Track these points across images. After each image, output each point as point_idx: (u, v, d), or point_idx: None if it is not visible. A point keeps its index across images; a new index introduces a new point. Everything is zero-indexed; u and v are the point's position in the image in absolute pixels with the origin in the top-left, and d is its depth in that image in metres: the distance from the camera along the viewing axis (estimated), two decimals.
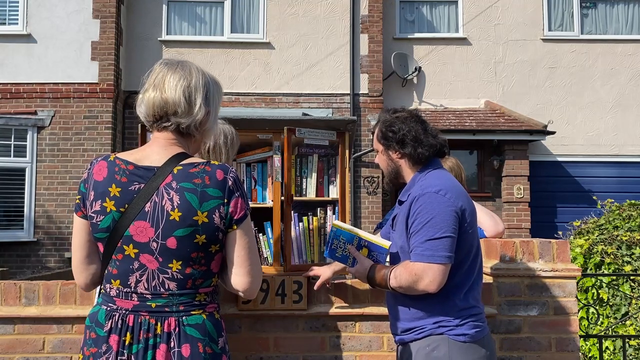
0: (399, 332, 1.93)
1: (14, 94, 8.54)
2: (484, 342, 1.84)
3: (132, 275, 1.47)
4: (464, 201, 1.83)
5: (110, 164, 1.50)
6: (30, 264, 8.29)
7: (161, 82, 1.51)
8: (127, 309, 1.47)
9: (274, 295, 2.19)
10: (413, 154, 1.93)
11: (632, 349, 3.77)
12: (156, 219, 1.44)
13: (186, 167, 1.47)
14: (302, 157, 2.83)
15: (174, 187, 1.45)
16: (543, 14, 9.53)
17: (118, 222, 1.46)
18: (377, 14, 9.12)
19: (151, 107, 1.51)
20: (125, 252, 1.47)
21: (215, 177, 1.47)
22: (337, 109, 9.06)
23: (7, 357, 2.15)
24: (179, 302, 1.48)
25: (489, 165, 9.01)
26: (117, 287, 1.49)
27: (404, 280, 1.79)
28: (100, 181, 1.48)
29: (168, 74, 1.52)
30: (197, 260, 1.47)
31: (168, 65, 1.55)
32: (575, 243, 4.37)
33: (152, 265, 1.46)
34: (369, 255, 1.97)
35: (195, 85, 1.53)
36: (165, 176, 1.46)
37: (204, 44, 9.13)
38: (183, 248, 1.44)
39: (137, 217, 1.44)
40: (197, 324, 1.48)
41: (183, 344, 1.45)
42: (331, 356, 2.20)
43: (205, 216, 1.44)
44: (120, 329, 1.45)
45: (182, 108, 1.50)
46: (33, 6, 8.70)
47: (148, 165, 1.49)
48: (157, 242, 1.44)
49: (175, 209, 1.43)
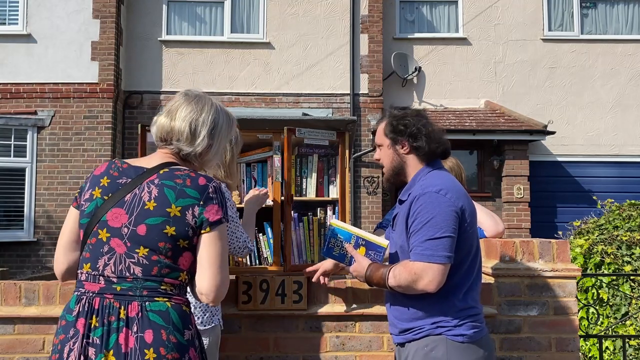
0: (397, 332, 1.92)
1: (14, 94, 8.55)
2: (483, 342, 1.84)
3: (101, 259, 1.54)
4: (465, 201, 1.83)
5: (110, 163, 1.65)
6: (30, 264, 8.29)
7: (174, 111, 1.67)
8: (94, 292, 1.52)
9: (274, 295, 2.19)
10: (425, 148, 1.91)
11: (632, 349, 3.77)
12: (132, 207, 1.54)
13: (172, 170, 1.59)
14: (302, 157, 2.83)
15: (155, 183, 1.56)
16: (543, 14, 9.54)
17: (99, 208, 1.57)
18: (377, 14, 9.12)
19: (160, 130, 1.66)
20: (99, 236, 1.55)
21: (196, 182, 1.57)
22: (337, 109, 9.06)
23: (7, 357, 2.15)
24: (143, 286, 1.51)
25: (489, 165, 9.01)
26: (87, 271, 1.55)
27: (403, 280, 1.79)
28: (97, 175, 1.63)
29: (183, 104, 1.67)
30: (164, 252, 1.52)
31: (186, 97, 1.70)
32: (575, 243, 4.37)
33: (120, 250, 1.52)
34: (367, 254, 1.97)
35: (203, 119, 1.66)
36: (152, 174, 1.58)
37: (204, 44, 9.13)
38: (152, 236, 1.51)
39: (116, 204, 1.55)
40: (160, 310, 1.50)
41: (146, 329, 1.47)
42: (331, 356, 2.20)
43: (178, 210, 1.52)
44: (87, 312, 1.50)
45: (185, 137, 1.64)
46: (33, 6, 8.70)
47: (139, 166, 1.62)
48: (128, 228, 1.52)
49: (151, 200, 1.53)
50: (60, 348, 1.50)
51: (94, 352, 1.45)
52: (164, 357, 1.46)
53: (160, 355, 1.45)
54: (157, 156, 1.66)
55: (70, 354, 1.47)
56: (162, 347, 1.46)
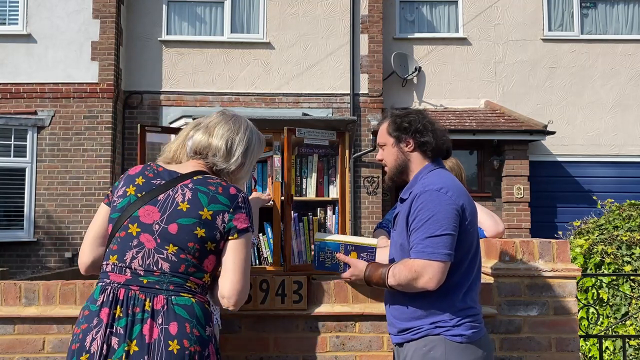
0: (396, 332, 1.92)
1: (14, 94, 8.54)
2: (481, 343, 1.84)
3: (129, 252, 1.58)
4: (465, 200, 1.83)
5: (146, 165, 1.73)
6: (30, 264, 8.29)
7: (212, 128, 1.75)
8: (119, 283, 1.56)
9: (274, 295, 2.19)
10: (433, 143, 1.92)
11: (632, 349, 3.77)
12: (165, 206, 1.60)
13: (206, 178, 1.67)
14: (302, 157, 2.83)
15: (189, 187, 1.62)
16: (543, 14, 9.53)
17: (132, 204, 1.62)
18: (377, 14, 9.12)
19: (197, 145, 1.74)
20: (129, 230, 1.59)
21: (228, 190, 1.64)
22: (337, 109, 9.06)
23: (7, 357, 2.15)
24: (170, 281, 1.55)
25: (489, 165, 9.01)
26: (113, 263, 1.59)
27: (403, 278, 1.79)
28: (132, 174, 1.69)
29: (221, 122, 1.76)
30: (192, 252, 1.56)
31: (224, 115, 1.79)
32: (575, 243, 4.37)
33: (150, 245, 1.57)
34: (359, 258, 1.98)
35: (239, 138, 1.75)
36: (185, 179, 1.65)
37: (204, 44, 9.13)
38: (182, 235, 1.56)
39: (149, 202, 1.61)
40: (185, 304, 1.55)
41: (171, 321, 1.51)
42: (331, 356, 2.20)
43: (210, 214, 1.58)
44: (111, 302, 1.53)
45: (222, 154, 1.72)
46: (33, 6, 8.69)
47: (174, 170, 1.70)
48: (160, 225, 1.58)
49: (185, 201, 1.59)
50: (82, 337, 1.52)
51: (117, 342, 1.48)
52: (187, 349, 1.50)
53: (184, 347, 1.50)
54: (190, 165, 1.73)
55: (93, 343, 1.49)
56: (186, 339, 1.51)
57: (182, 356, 1.48)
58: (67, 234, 8.37)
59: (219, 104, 8.98)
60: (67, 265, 8.15)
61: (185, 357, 1.49)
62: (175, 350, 1.48)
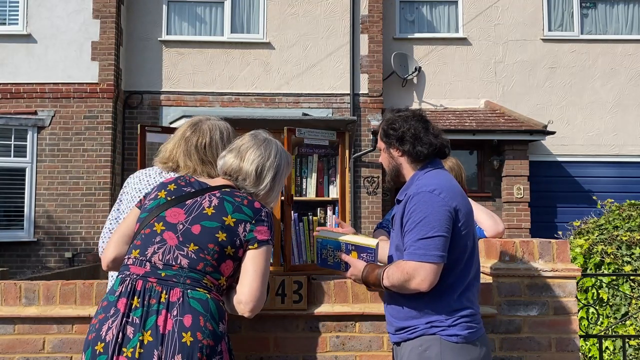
0: (394, 331, 1.93)
1: (14, 94, 8.54)
2: (478, 343, 1.83)
3: (150, 247, 1.63)
4: (459, 201, 1.83)
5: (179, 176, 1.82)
6: (30, 264, 8.29)
7: (244, 152, 1.78)
8: (138, 275, 1.61)
9: (274, 295, 2.19)
10: (412, 151, 1.93)
11: (632, 349, 3.77)
12: (191, 210, 1.67)
13: (233, 191, 1.74)
14: (302, 157, 2.83)
15: (217, 196, 1.70)
16: (543, 14, 9.53)
17: (161, 205, 1.69)
18: (377, 14, 9.12)
19: (228, 168, 1.79)
20: (154, 228, 1.66)
21: (252, 204, 1.71)
22: (337, 109, 9.06)
23: (7, 357, 2.15)
24: (187, 276, 1.59)
25: (489, 165, 9.01)
26: (135, 256, 1.64)
27: (396, 279, 1.80)
28: (165, 182, 1.78)
29: (252, 147, 1.79)
30: (211, 253, 1.62)
31: (256, 139, 1.81)
32: (575, 243, 4.37)
33: (172, 242, 1.63)
34: (359, 258, 1.98)
35: (270, 164, 1.78)
36: (214, 190, 1.73)
37: (204, 44, 9.13)
38: (204, 236, 1.62)
39: (177, 205, 1.69)
40: (200, 299, 1.58)
41: (186, 314, 1.54)
42: (331, 356, 2.20)
43: (233, 222, 1.65)
44: (129, 292, 1.57)
45: (251, 179, 1.77)
46: (33, 6, 8.69)
47: (204, 182, 1.78)
48: (184, 225, 1.64)
49: (210, 207, 1.67)
50: (98, 327, 1.56)
51: (133, 331, 1.51)
52: (200, 341, 1.53)
53: (197, 339, 1.52)
54: (220, 180, 1.80)
55: (109, 332, 1.53)
56: (199, 332, 1.53)
57: (194, 348, 1.51)
58: (67, 234, 8.37)
59: (219, 104, 8.99)
60: (67, 265, 8.16)
61: (197, 350, 1.51)
62: (189, 342, 1.50)
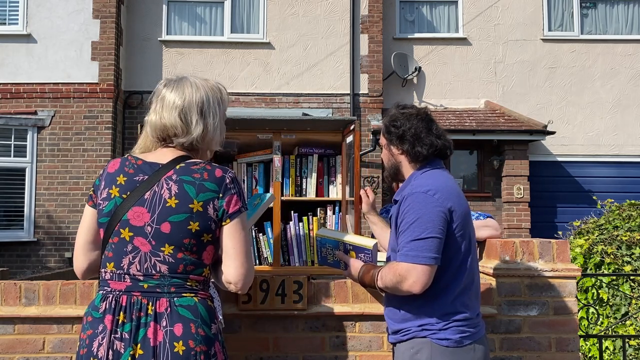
0: (391, 332, 1.93)
1: (14, 94, 8.54)
2: (470, 348, 1.79)
3: (125, 258, 1.54)
4: (454, 202, 1.80)
5: (123, 160, 1.63)
6: (30, 264, 8.29)
7: (160, 106, 1.62)
8: (120, 290, 1.54)
9: (274, 295, 2.19)
10: (411, 151, 1.91)
11: (632, 349, 3.77)
12: (153, 205, 1.54)
13: (188, 165, 1.58)
14: (302, 157, 2.83)
15: (173, 179, 1.55)
16: (543, 14, 9.53)
17: (119, 207, 1.55)
18: (377, 14, 9.12)
19: (154, 130, 1.63)
20: (121, 235, 1.55)
21: (213, 174, 1.56)
22: (337, 109, 9.05)
23: (7, 357, 2.15)
24: (170, 283, 1.53)
25: (489, 165, 9.00)
26: (111, 270, 1.56)
27: (389, 281, 1.79)
28: (112, 172, 1.61)
29: (165, 97, 1.62)
30: (189, 247, 1.53)
31: (166, 86, 1.65)
32: (575, 243, 4.37)
33: (145, 248, 1.53)
34: (357, 258, 1.98)
35: (188, 104, 1.61)
36: (168, 170, 1.57)
37: (204, 44, 9.12)
38: (176, 233, 1.52)
39: (136, 203, 1.54)
40: (188, 305, 1.53)
41: (175, 323, 1.50)
42: (331, 356, 2.20)
43: (200, 205, 1.53)
44: (114, 309, 1.52)
45: (180, 130, 1.60)
46: (33, 6, 8.69)
47: (154, 161, 1.60)
48: (152, 227, 1.53)
49: (172, 197, 1.53)
50: (88, 343, 1.53)
51: (123, 346, 1.48)
52: (193, 349, 1.49)
53: (189, 347, 1.49)
54: (167, 153, 1.62)
55: (100, 348, 1.50)
56: (191, 339, 1.50)
57: (188, 356, 1.48)
58: (67, 234, 8.37)
59: None
60: (67, 265, 8.15)
61: (191, 358, 1.48)
62: (181, 351, 1.47)
